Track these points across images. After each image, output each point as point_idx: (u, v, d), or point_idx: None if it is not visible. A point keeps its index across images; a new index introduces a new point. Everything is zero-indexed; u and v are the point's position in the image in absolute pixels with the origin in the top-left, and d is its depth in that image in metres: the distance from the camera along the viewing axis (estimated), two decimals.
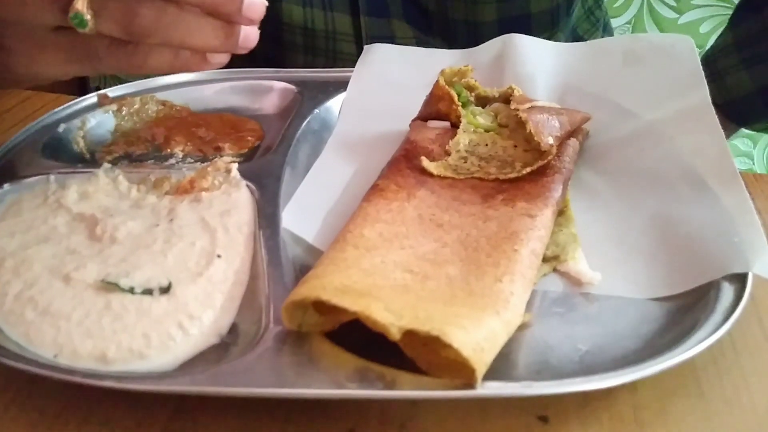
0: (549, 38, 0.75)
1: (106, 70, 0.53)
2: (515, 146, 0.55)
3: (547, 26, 0.71)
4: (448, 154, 0.55)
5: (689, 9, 1.58)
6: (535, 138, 0.53)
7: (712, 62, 0.83)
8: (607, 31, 1.01)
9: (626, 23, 1.60)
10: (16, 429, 0.40)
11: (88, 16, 0.49)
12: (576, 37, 0.92)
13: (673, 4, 1.58)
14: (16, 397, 0.41)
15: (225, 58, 0.54)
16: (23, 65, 0.54)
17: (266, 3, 0.53)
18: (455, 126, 0.58)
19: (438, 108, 0.59)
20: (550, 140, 0.53)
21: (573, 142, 0.57)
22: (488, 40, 0.69)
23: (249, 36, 0.53)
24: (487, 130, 0.57)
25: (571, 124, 0.57)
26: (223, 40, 0.52)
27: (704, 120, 0.57)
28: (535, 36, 0.69)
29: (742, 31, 0.83)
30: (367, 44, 0.72)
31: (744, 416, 0.41)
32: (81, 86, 1.86)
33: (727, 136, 0.85)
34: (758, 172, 1.62)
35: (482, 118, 0.58)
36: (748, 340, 0.46)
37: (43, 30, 0.52)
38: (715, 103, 0.81)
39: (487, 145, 0.56)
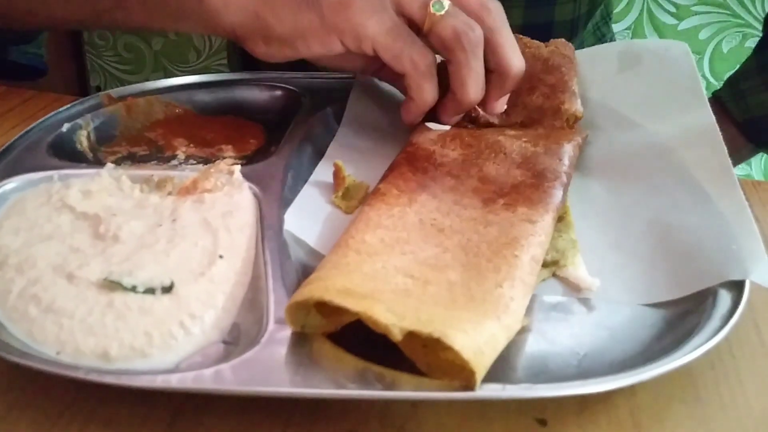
0: None
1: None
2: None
3: (566, 36, 0.73)
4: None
5: (689, 15, 1.58)
6: None
7: (735, 83, 0.86)
8: None
9: (626, 29, 1.61)
10: (19, 428, 0.40)
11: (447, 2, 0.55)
12: None
13: (673, 10, 1.59)
14: (20, 396, 0.41)
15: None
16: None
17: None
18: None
19: None
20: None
21: (572, 147, 0.57)
22: None
23: None
24: None
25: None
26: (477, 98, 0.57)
27: (704, 127, 0.57)
28: None
29: (764, 57, 0.87)
30: None
31: (740, 421, 0.42)
32: (82, 86, 1.87)
33: (746, 156, 0.88)
34: (756, 178, 1.63)
35: None
36: (744, 346, 0.46)
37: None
38: (736, 122, 0.84)
39: None
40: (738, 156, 0.88)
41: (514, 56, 0.57)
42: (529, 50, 0.67)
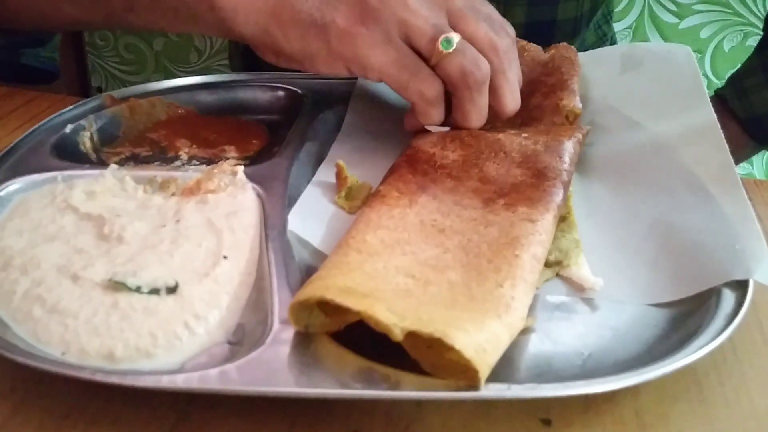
0: None
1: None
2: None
3: (568, 34, 0.73)
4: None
5: (690, 14, 1.58)
6: None
7: (738, 81, 0.86)
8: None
9: (627, 28, 1.61)
10: (24, 429, 0.40)
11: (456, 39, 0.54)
12: (583, 50, 0.94)
13: (674, 9, 1.59)
14: (25, 397, 0.41)
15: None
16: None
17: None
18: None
19: None
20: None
21: (573, 144, 0.57)
22: None
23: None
24: None
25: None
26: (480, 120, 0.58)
27: (706, 127, 0.57)
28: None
29: (766, 56, 0.87)
30: None
31: (744, 420, 0.42)
32: (83, 87, 1.87)
33: (749, 154, 0.89)
34: (758, 177, 1.63)
35: None
36: (748, 346, 0.46)
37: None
38: (739, 119, 0.84)
39: None
40: (741, 154, 0.88)
41: (511, 100, 0.58)
42: (528, 54, 0.67)
